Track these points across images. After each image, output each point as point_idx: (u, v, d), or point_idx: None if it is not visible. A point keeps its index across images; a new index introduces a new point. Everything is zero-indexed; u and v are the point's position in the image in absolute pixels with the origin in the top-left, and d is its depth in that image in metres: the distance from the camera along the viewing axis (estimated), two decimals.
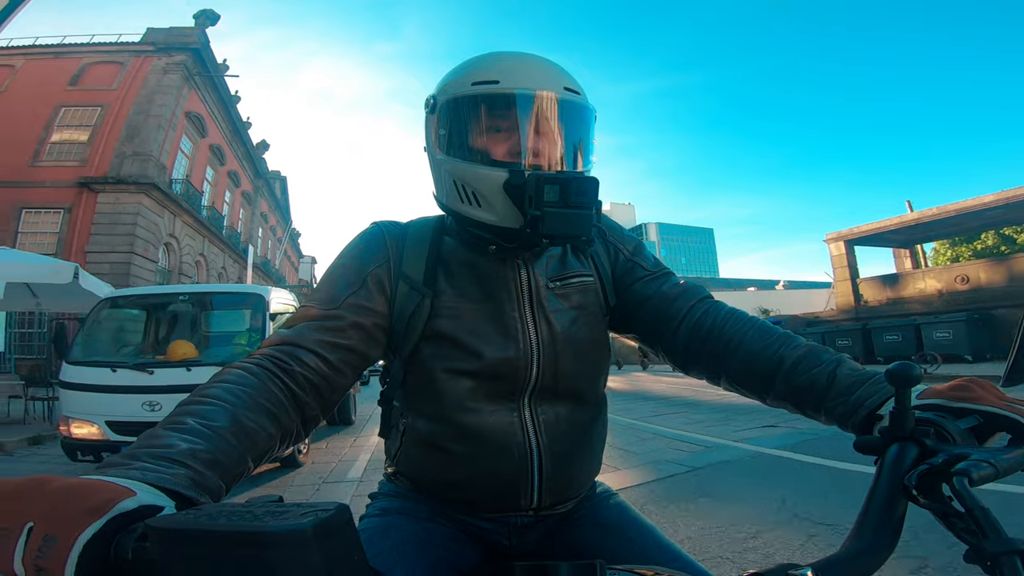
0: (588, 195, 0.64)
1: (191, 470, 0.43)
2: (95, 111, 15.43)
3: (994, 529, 0.36)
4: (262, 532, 0.27)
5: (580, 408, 0.75)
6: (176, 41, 16.88)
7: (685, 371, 0.77)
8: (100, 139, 14.92)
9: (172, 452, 0.44)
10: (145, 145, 14.84)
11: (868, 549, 0.40)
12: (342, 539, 0.30)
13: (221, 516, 0.30)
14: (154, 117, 15.44)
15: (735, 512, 3.00)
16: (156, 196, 14.63)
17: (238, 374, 0.58)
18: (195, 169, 18.04)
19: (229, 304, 5.69)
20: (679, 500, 3.33)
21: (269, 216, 29.39)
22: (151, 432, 0.47)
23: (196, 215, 17.20)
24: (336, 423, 7.75)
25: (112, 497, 0.34)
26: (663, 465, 4.30)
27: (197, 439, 0.47)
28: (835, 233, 16.08)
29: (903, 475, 0.43)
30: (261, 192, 27.00)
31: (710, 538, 2.62)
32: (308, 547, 0.27)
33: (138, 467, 0.41)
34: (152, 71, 16.27)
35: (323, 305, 0.68)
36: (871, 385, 0.59)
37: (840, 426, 0.62)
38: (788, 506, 3.02)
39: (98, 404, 4.32)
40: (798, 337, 0.69)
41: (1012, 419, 0.48)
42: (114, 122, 15.21)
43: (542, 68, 0.68)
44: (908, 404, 0.46)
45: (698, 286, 0.80)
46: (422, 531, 0.70)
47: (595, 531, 0.75)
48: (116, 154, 14.60)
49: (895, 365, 0.45)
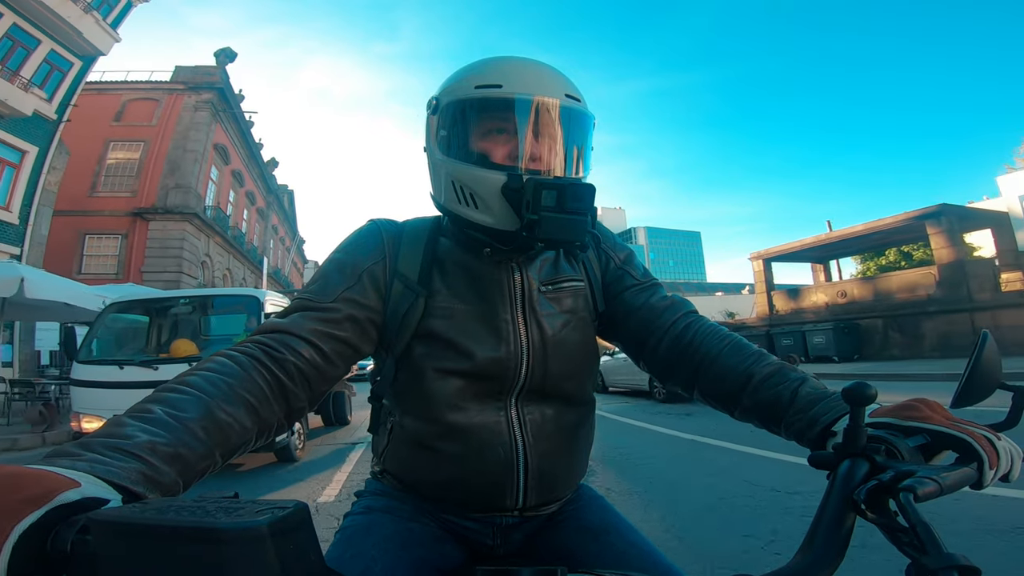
0: (584, 201, 0.65)
1: (145, 463, 0.42)
2: (139, 145, 18.35)
3: (935, 545, 0.37)
4: (213, 528, 0.27)
5: (567, 410, 0.76)
6: (203, 80, 19.85)
7: (663, 382, 0.79)
8: (146, 172, 17.92)
9: (128, 444, 0.43)
10: (185, 178, 17.91)
11: (817, 561, 0.41)
12: (299, 538, 0.29)
13: (170, 511, 0.29)
14: (190, 152, 18.49)
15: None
16: (196, 223, 17.83)
17: (222, 362, 0.57)
18: (221, 194, 21.15)
19: (226, 306, 6.01)
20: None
21: (279, 228, 32.60)
22: (113, 420, 0.46)
23: (224, 236, 20.43)
24: (332, 423, 7.88)
25: (54, 487, 0.33)
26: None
27: (160, 430, 0.46)
28: (756, 252, 19.40)
29: (853, 490, 0.44)
30: (272, 207, 30.13)
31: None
32: (263, 545, 0.27)
33: (88, 458, 0.40)
34: (185, 108, 19.24)
35: (318, 297, 0.68)
36: (828, 403, 0.61)
37: (797, 441, 0.63)
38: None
39: (107, 399, 4.62)
40: (770, 356, 0.71)
41: (958, 438, 0.49)
42: (156, 156, 18.18)
43: (545, 74, 0.70)
44: (861, 422, 0.47)
45: (684, 300, 0.82)
46: (405, 530, 0.71)
47: (578, 533, 0.76)
48: (161, 186, 17.66)
49: (851, 384, 0.46)
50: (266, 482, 4.43)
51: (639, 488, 3.70)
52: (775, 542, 2.49)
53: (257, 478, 4.57)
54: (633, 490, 3.65)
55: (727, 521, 2.88)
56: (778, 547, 2.42)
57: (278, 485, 4.32)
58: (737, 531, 2.69)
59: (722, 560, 2.34)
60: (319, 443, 6.39)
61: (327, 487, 4.17)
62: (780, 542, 2.46)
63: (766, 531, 2.66)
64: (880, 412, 0.55)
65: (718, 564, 2.29)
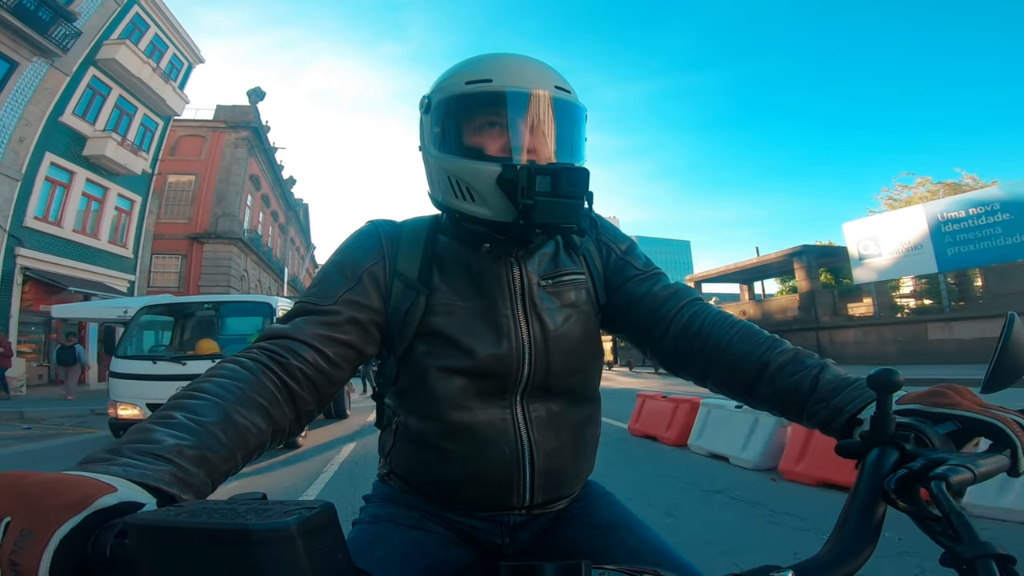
0: (579, 185, 0.65)
1: (175, 466, 0.43)
2: (191, 178, 22.51)
3: (969, 533, 0.36)
4: (244, 529, 0.27)
5: (573, 406, 0.76)
6: (240, 119, 24.06)
7: (673, 372, 0.79)
8: (198, 201, 22.20)
9: (157, 448, 0.44)
10: (230, 207, 22.30)
11: (848, 551, 0.41)
12: (326, 538, 0.30)
13: (203, 513, 0.30)
14: (233, 185, 22.80)
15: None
16: (239, 245, 22.28)
17: (231, 368, 0.58)
18: (254, 216, 25.59)
19: (244, 311, 6.69)
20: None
21: (295, 239, 37.10)
22: (139, 427, 0.47)
23: (258, 254, 25.01)
24: (332, 416, 8.20)
25: (91, 493, 0.34)
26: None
27: (185, 435, 0.47)
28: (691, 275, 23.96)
29: (883, 479, 0.43)
30: (291, 221, 34.65)
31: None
32: (292, 545, 0.28)
33: (121, 463, 0.41)
34: (227, 145, 23.47)
35: (319, 300, 0.68)
36: (853, 390, 0.60)
37: (822, 430, 0.63)
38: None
39: (140, 390, 5.16)
40: (784, 342, 0.70)
41: (990, 424, 0.48)
42: (206, 187, 22.38)
43: (533, 68, 0.71)
44: (889, 409, 0.46)
45: (688, 288, 0.81)
46: (410, 541, 0.71)
47: (587, 530, 0.76)
48: (212, 215, 22.01)
49: (877, 371, 0.45)
50: (276, 464, 5.00)
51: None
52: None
53: (264, 457, 4.97)
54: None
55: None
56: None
57: (282, 465, 4.95)
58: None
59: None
60: (320, 432, 7.02)
61: (327, 464, 4.95)
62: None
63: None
64: (907, 399, 0.54)
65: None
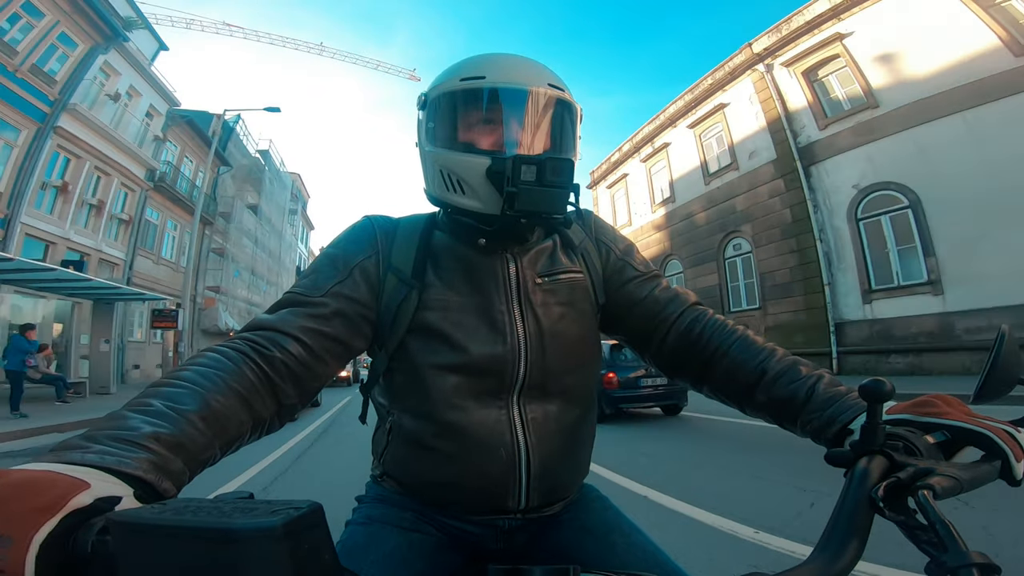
0: (563, 175, 0.66)
1: (153, 453, 0.42)
2: None
3: (954, 542, 0.37)
4: (229, 529, 0.27)
5: (569, 407, 0.75)
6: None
7: (671, 377, 0.80)
8: None
9: (133, 435, 0.43)
10: None
11: (834, 559, 0.40)
12: (313, 538, 0.29)
13: (187, 511, 0.30)
14: None
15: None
16: None
17: (212, 357, 0.57)
18: None
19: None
20: None
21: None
22: (114, 414, 0.46)
23: None
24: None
25: (64, 492, 0.33)
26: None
27: (162, 422, 0.46)
28: None
29: (871, 488, 0.43)
30: None
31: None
32: (277, 545, 0.27)
33: (96, 450, 0.40)
34: None
35: (308, 292, 0.68)
36: (845, 401, 0.61)
37: (814, 439, 0.63)
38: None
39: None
40: (781, 350, 0.71)
41: (980, 433, 0.49)
42: None
43: (527, 65, 0.71)
44: (878, 419, 0.47)
45: (688, 292, 0.81)
46: (405, 544, 0.70)
47: (581, 534, 0.75)
48: None
49: (868, 381, 0.45)
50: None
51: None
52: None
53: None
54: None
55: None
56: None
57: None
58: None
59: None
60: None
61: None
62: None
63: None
64: (897, 409, 0.55)
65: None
